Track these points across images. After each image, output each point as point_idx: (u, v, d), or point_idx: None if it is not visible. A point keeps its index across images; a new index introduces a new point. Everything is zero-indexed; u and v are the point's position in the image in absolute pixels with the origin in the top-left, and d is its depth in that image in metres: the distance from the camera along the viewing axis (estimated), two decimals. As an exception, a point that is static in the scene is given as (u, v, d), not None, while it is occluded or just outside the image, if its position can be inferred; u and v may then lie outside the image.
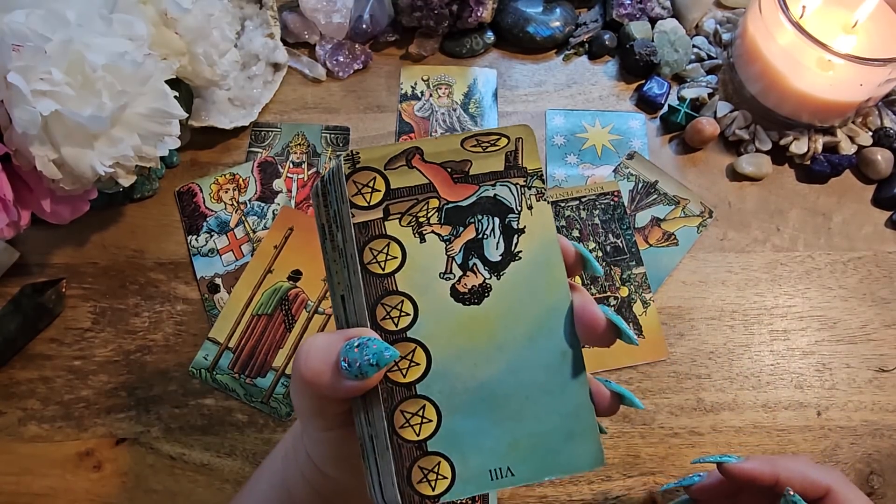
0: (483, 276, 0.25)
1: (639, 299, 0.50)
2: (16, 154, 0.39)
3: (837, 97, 0.52)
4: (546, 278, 0.26)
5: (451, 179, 0.26)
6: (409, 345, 0.24)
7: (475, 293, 0.25)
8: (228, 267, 0.50)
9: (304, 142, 0.56)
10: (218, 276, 0.50)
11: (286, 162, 0.55)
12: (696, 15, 0.60)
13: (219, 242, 0.51)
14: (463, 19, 0.58)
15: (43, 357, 0.48)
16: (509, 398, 0.25)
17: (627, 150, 0.56)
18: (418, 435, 0.24)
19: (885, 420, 0.47)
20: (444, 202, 0.25)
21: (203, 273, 0.50)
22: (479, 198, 0.26)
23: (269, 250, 0.50)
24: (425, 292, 0.25)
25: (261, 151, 0.55)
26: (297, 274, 0.49)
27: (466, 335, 0.25)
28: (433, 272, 0.25)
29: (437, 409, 0.24)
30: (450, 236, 0.25)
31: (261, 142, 0.55)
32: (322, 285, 0.49)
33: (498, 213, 0.26)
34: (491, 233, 0.26)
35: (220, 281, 0.50)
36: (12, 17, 0.36)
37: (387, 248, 0.24)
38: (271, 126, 0.56)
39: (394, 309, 0.24)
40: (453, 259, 0.25)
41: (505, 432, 0.24)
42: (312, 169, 0.54)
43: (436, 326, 0.24)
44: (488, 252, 0.25)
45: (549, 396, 0.25)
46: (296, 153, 0.55)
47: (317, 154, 0.55)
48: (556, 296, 0.26)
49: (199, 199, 0.52)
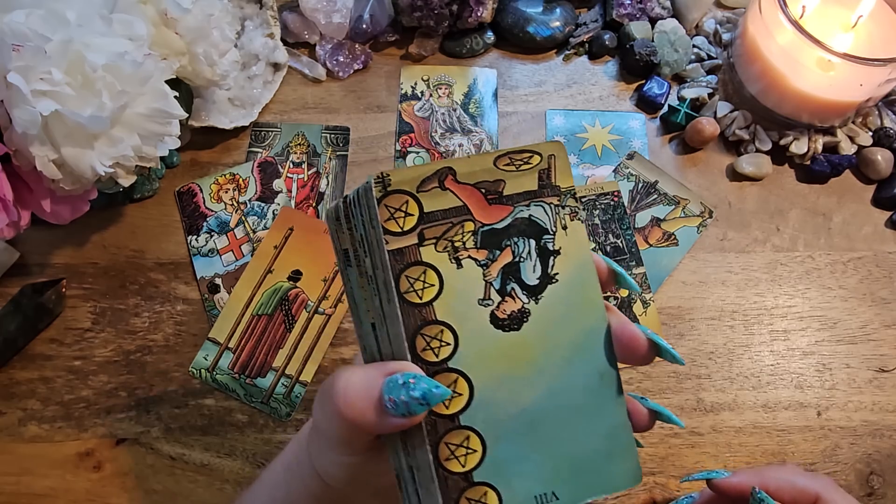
0: (521, 301, 0.25)
1: (639, 299, 0.50)
2: (16, 154, 0.39)
3: (837, 97, 0.52)
4: (582, 299, 0.25)
5: (486, 200, 0.25)
6: (451, 375, 0.24)
7: (514, 319, 0.25)
8: (228, 267, 0.50)
9: (304, 142, 0.55)
10: (218, 277, 0.50)
11: (286, 162, 0.55)
12: (696, 15, 0.60)
13: (219, 242, 0.51)
14: (463, 19, 0.58)
15: (43, 357, 0.48)
16: (550, 422, 0.24)
17: (627, 150, 0.56)
18: (464, 466, 0.23)
19: (885, 420, 0.47)
20: (479, 225, 0.25)
21: (203, 273, 0.50)
22: (515, 219, 0.25)
23: (269, 250, 0.50)
24: (464, 320, 0.24)
25: (261, 151, 0.55)
26: (297, 274, 0.49)
27: (507, 362, 0.24)
28: (472, 299, 0.24)
29: (482, 438, 0.24)
30: (486, 261, 0.25)
31: (261, 142, 0.55)
32: (322, 285, 0.49)
33: (533, 234, 0.25)
34: (527, 256, 0.25)
35: (220, 281, 0.50)
36: (12, 17, 0.36)
37: (423, 275, 0.24)
38: (271, 126, 0.56)
39: (434, 339, 0.24)
40: (491, 284, 0.25)
41: (547, 457, 0.24)
42: (312, 169, 0.54)
43: (476, 355, 0.24)
44: (525, 276, 0.25)
45: (588, 418, 0.25)
46: (296, 153, 0.55)
47: (317, 154, 0.55)
48: (592, 317, 0.25)
49: (199, 199, 0.52)
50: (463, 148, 0.56)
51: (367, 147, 0.56)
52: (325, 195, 0.53)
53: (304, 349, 0.47)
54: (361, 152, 0.55)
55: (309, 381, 0.47)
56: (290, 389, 0.46)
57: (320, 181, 0.54)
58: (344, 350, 0.48)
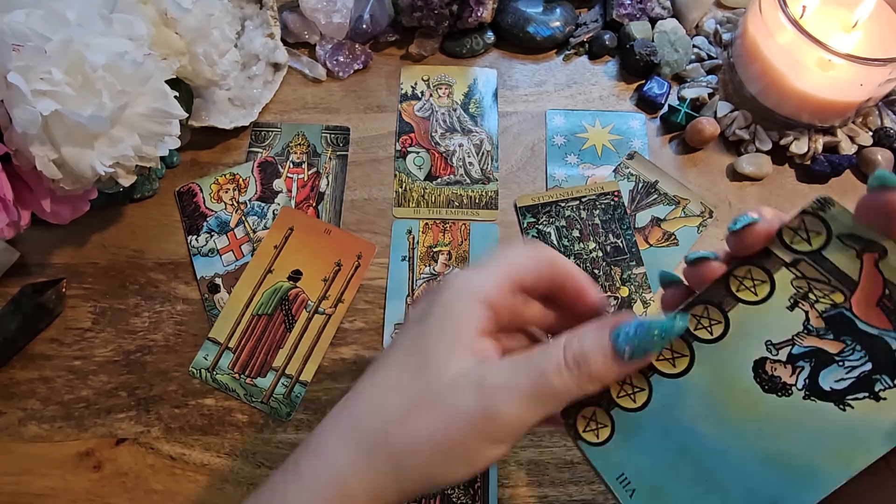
0: (794, 382, 0.23)
1: (639, 299, 0.50)
2: (16, 154, 0.39)
3: (837, 97, 0.52)
4: (838, 453, 0.22)
5: (877, 298, 0.22)
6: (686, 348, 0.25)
7: (772, 383, 0.23)
8: (228, 267, 0.50)
9: (304, 142, 0.56)
10: (218, 276, 0.50)
11: (286, 162, 0.55)
12: (696, 15, 0.60)
13: (219, 242, 0.51)
14: (463, 19, 0.58)
15: (43, 357, 0.48)
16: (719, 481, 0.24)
17: (627, 150, 0.56)
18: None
19: (885, 420, 0.47)
20: (845, 307, 0.22)
21: (203, 273, 0.50)
22: (881, 336, 0.22)
23: (269, 250, 0.50)
24: (741, 338, 0.23)
25: (261, 151, 0.55)
26: (297, 274, 0.50)
27: (730, 396, 0.23)
28: (765, 334, 0.23)
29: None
30: (814, 329, 0.23)
31: (261, 142, 0.55)
32: (322, 285, 0.49)
33: (876, 361, 0.22)
34: (850, 368, 0.22)
35: (221, 281, 0.50)
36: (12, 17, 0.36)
37: (753, 276, 0.23)
38: (271, 126, 0.56)
39: (706, 319, 0.24)
40: (792, 343, 0.23)
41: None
42: (312, 169, 0.54)
43: (716, 369, 0.24)
44: (825, 374, 0.23)
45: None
46: (296, 153, 0.55)
47: (317, 154, 0.55)
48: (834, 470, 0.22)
49: (199, 199, 0.52)
50: (463, 148, 0.56)
51: (368, 147, 0.56)
52: (324, 195, 0.53)
53: (305, 349, 0.48)
54: (361, 152, 0.55)
55: (309, 380, 0.47)
56: (290, 389, 0.46)
57: (320, 181, 0.54)
58: (344, 350, 0.48)
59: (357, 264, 0.49)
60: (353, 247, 0.50)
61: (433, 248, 0.52)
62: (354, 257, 0.49)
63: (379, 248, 0.52)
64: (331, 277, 0.50)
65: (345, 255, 0.49)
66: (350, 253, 0.49)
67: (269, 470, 0.44)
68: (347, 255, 0.49)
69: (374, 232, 0.52)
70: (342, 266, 0.49)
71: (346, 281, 0.49)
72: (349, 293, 0.49)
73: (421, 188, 0.54)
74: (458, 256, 0.51)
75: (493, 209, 0.53)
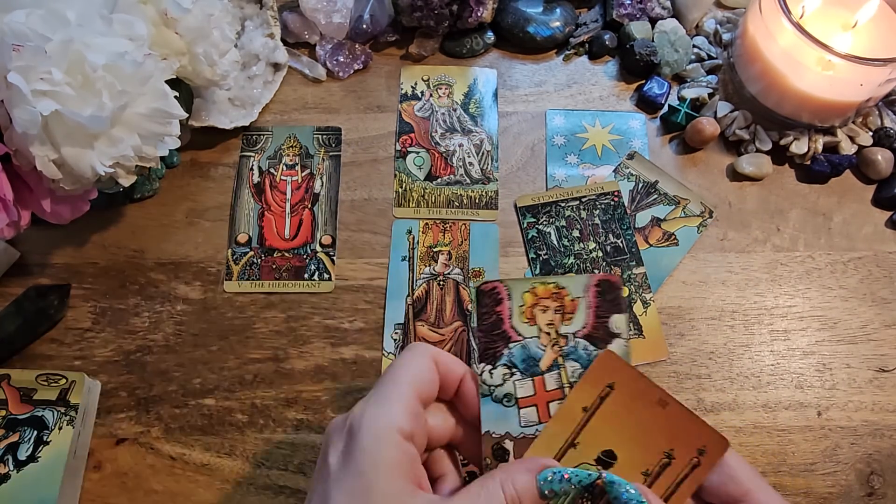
0: None
1: (639, 299, 0.50)
2: (16, 154, 0.39)
3: (837, 97, 0.52)
4: None
5: None
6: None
7: None
8: (526, 430, 0.33)
9: (296, 143, 0.55)
10: (510, 439, 0.33)
11: (279, 165, 0.54)
12: (696, 15, 0.60)
13: (520, 388, 0.34)
14: (463, 19, 0.58)
15: (43, 357, 0.48)
16: None
17: (627, 150, 0.56)
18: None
19: (885, 420, 0.47)
20: None
21: (491, 427, 0.33)
22: None
23: (577, 413, 0.33)
24: None
25: (253, 155, 0.55)
26: (610, 457, 0.32)
27: None
28: None
29: None
30: None
31: (252, 145, 0.55)
32: (641, 480, 0.32)
33: None
34: None
35: (512, 447, 0.33)
36: (12, 17, 0.36)
37: None
38: (262, 129, 0.56)
39: None
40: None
41: None
42: (306, 170, 0.54)
43: None
44: None
45: None
46: (288, 155, 0.55)
47: (310, 156, 0.55)
48: None
49: (503, 310, 0.35)
50: (463, 148, 0.56)
51: (367, 147, 0.56)
52: (319, 196, 0.53)
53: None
54: (361, 152, 0.56)
55: None
56: None
57: (314, 182, 0.54)
58: (344, 350, 0.48)
59: (696, 462, 0.31)
60: (696, 435, 0.32)
61: (433, 248, 0.52)
62: (694, 451, 0.31)
63: (379, 248, 0.52)
64: (655, 472, 0.32)
65: (680, 444, 0.32)
66: (688, 442, 0.32)
67: (269, 470, 0.45)
68: (684, 444, 0.32)
69: (374, 232, 0.52)
70: (674, 459, 0.32)
71: (675, 482, 0.32)
72: (677, 501, 0.32)
73: (421, 188, 0.54)
74: (458, 256, 0.51)
75: (493, 209, 0.53)
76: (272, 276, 0.51)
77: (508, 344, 0.34)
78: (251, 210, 0.53)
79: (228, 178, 0.54)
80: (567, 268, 0.51)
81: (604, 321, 0.35)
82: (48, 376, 0.44)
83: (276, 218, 0.53)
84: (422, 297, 0.50)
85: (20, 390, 0.44)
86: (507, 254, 0.52)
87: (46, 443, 0.42)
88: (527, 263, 0.51)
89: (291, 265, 0.51)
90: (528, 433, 0.34)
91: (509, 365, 0.34)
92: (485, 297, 0.35)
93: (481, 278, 0.50)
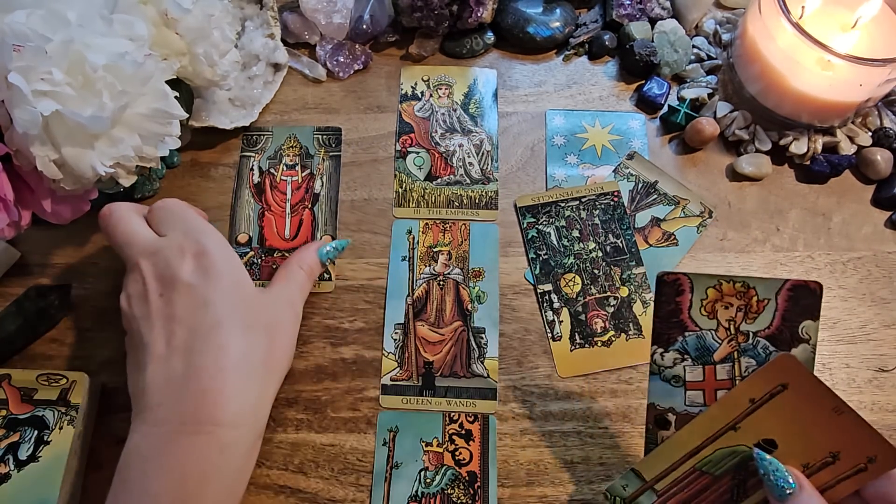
0: None
1: (639, 299, 0.50)
2: (16, 154, 0.39)
3: (837, 97, 0.52)
4: None
5: None
6: None
7: None
8: (690, 408, 0.38)
9: (296, 144, 0.55)
10: (672, 413, 0.38)
11: (279, 165, 0.55)
12: (695, 15, 0.60)
13: (690, 373, 0.37)
14: (463, 20, 0.58)
15: (43, 357, 0.48)
16: None
17: (627, 151, 0.56)
18: None
19: (885, 420, 0.47)
20: None
21: (656, 400, 0.38)
22: None
23: (743, 402, 0.35)
24: None
25: (253, 155, 0.55)
26: (770, 445, 0.35)
27: None
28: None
29: None
30: None
31: (253, 146, 0.55)
32: (799, 470, 0.35)
33: None
34: None
35: (674, 419, 0.38)
36: (13, 18, 0.36)
37: None
38: (262, 129, 0.56)
39: None
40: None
41: None
42: (306, 171, 0.54)
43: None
44: None
45: None
46: (288, 155, 0.55)
47: (310, 156, 0.55)
48: None
49: (684, 301, 0.37)
50: (463, 148, 0.56)
51: (368, 147, 0.56)
52: (319, 196, 0.53)
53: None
54: (362, 152, 0.56)
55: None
56: None
57: (315, 182, 0.54)
58: (344, 350, 0.48)
59: (862, 467, 0.33)
60: (867, 444, 0.33)
61: (433, 248, 0.52)
62: (864, 458, 0.33)
63: (379, 247, 0.52)
64: (815, 467, 0.34)
65: (849, 449, 0.34)
66: (858, 449, 0.33)
67: (269, 470, 0.45)
68: (854, 449, 0.34)
69: (374, 232, 0.52)
70: (838, 460, 0.34)
71: (835, 479, 0.34)
72: (833, 495, 0.34)
73: (421, 188, 0.54)
74: (458, 256, 0.51)
75: (493, 209, 0.53)
76: (272, 275, 0.50)
77: (685, 332, 0.37)
78: (251, 210, 0.53)
79: (228, 178, 0.54)
80: (567, 268, 0.51)
81: (791, 325, 0.36)
82: (49, 376, 0.44)
83: (277, 218, 0.53)
84: (422, 297, 0.50)
85: (21, 390, 0.44)
86: (506, 254, 0.52)
87: (47, 443, 0.42)
88: (527, 263, 0.51)
89: None
90: (691, 411, 0.37)
91: (682, 351, 0.37)
92: (666, 287, 0.37)
93: (481, 278, 0.51)
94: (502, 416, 0.46)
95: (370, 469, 0.45)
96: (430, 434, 0.46)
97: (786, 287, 0.36)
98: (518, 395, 0.47)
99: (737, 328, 0.36)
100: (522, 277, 0.51)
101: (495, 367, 0.48)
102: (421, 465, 0.45)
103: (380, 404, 0.47)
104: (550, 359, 0.48)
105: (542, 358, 0.48)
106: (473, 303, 0.50)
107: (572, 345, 0.48)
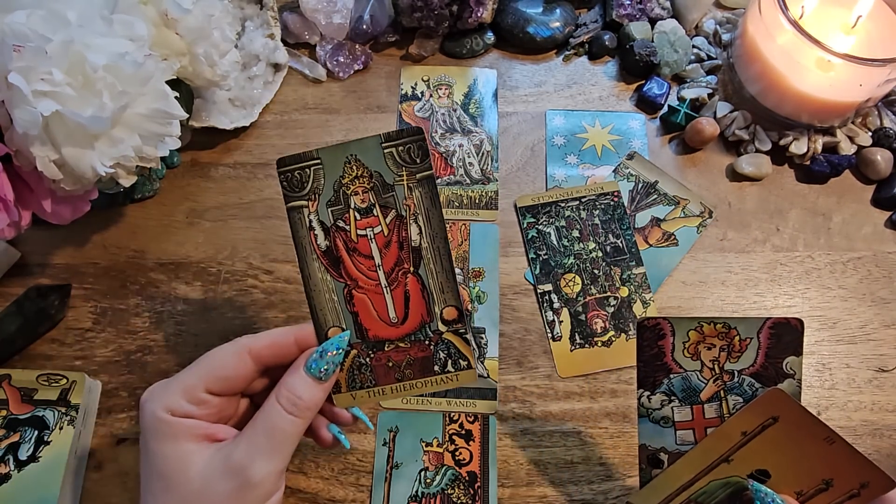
0: None
1: (639, 299, 0.50)
2: (17, 154, 0.39)
3: (837, 97, 0.52)
4: None
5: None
6: None
7: None
8: (681, 447, 0.38)
9: (362, 170, 0.34)
10: (664, 452, 0.38)
11: (348, 213, 0.34)
12: (695, 15, 0.60)
13: (678, 413, 0.37)
14: (463, 20, 0.58)
15: (44, 357, 0.48)
16: None
17: (627, 151, 0.56)
18: None
19: (884, 420, 0.47)
20: None
21: (647, 441, 0.38)
22: None
23: (735, 435, 0.36)
24: None
25: (305, 204, 0.34)
26: (763, 475, 0.36)
27: None
28: None
29: None
30: None
31: (299, 187, 0.34)
32: (796, 497, 0.36)
33: None
34: None
35: (666, 458, 0.38)
36: (13, 18, 0.36)
37: None
38: (304, 159, 0.34)
39: None
40: None
41: None
42: (390, 212, 0.34)
43: None
44: None
45: None
46: (357, 193, 0.34)
47: (387, 185, 0.34)
48: None
49: (666, 344, 0.37)
50: (463, 148, 0.56)
51: (368, 147, 0.56)
52: (421, 251, 0.34)
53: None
54: (361, 152, 0.56)
55: None
56: None
57: (409, 230, 0.34)
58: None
59: (855, 493, 0.34)
60: (859, 471, 0.34)
61: (433, 248, 0.51)
62: (856, 484, 0.34)
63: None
64: (808, 494, 0.35)
65: (842, 476, 0.34)
66: (851, 476, 0.34)
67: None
68: (846, 476, 0.34)
69: (375, 232, 0.52)
70: (832, 487, 0.35)
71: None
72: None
73: (421, 188, 0.54)
74: (458, 256, 0.51)
75: (493, 209, 0.53)
76: (392, 377, 0.35)
77: (669, 375, 0.37)
78: (333, 292, 0.35)
79: (229, 178, 0.54)
80: (567, 268, 0.51)
81: (775, 361, 0.36)
82: (49, 376, 0.44)
83: (372, 296, 0.35)
84: (422, 298, 0.49)
85: (21, 390, 0.44)
86: (506, 254, 0.52)
87: (47, 443, 0.42)
88: (527, 263, 0.51)
89: (413, 357, 0.35)
90: (683, 449, 0.37)
91: (668, 393, 0.37)
92: (647, 332, 0.37)
93: (481, 278, 0.51)
94: (502, 416, 0.46)
95: (370, 469, 0.45)
96: (430, 434, 0.46)
97: (767, 325, 0.36)
98: (518, 395, 0.47)
99: (721, 368, 0.36)
100: (522, 277, 0.51)
101: (495, 367, 0.48)
102: (421, 465, 0.45)
103: (380, 404, 0.47)
104: (550, 359, 0.48)
105: (542, 358, 0.48)
106: (473, 303, 0.50)
107: (572, 345, 0.48)
